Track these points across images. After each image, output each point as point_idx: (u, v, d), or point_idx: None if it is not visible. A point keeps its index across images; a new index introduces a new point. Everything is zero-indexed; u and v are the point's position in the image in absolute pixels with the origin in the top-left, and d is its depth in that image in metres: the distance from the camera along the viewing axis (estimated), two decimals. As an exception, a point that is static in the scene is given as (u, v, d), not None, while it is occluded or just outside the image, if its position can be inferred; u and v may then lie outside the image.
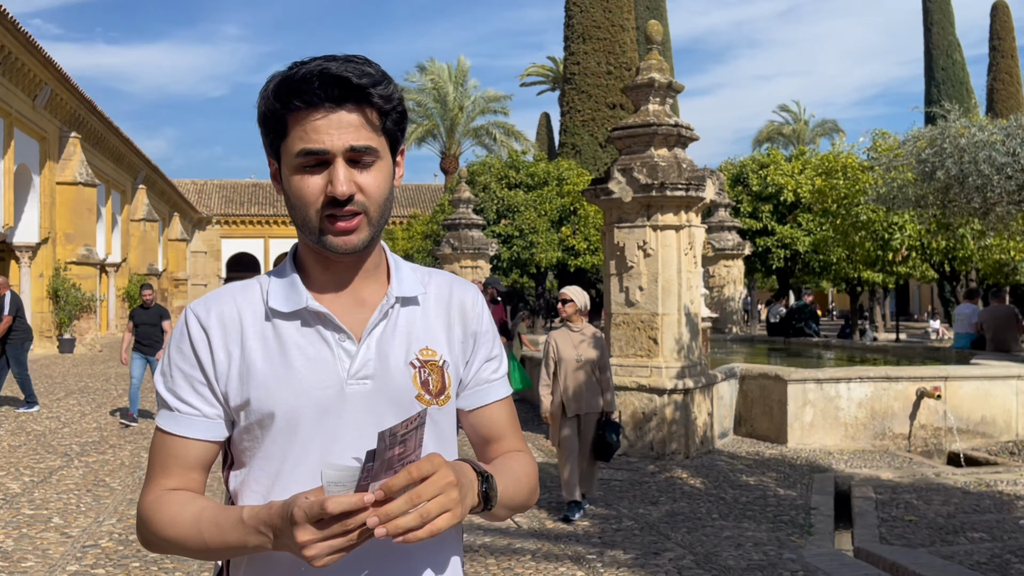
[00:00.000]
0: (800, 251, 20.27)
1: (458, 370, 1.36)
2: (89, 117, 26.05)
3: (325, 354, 1.27)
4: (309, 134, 1.21)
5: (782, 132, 56.00)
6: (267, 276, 1.35)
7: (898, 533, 5.74)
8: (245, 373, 1.26)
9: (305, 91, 1.20)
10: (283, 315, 1.29)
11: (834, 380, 8.79)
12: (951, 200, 11.47)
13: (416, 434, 1.08)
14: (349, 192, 1.21)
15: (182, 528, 1.21)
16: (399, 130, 1.30)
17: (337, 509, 1.02)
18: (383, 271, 1.36)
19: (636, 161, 8.16)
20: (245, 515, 1.14)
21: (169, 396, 1.29)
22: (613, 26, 25.36)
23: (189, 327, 1.30)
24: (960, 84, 40.86)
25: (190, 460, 1.28)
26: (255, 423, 1.27)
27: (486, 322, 1.42)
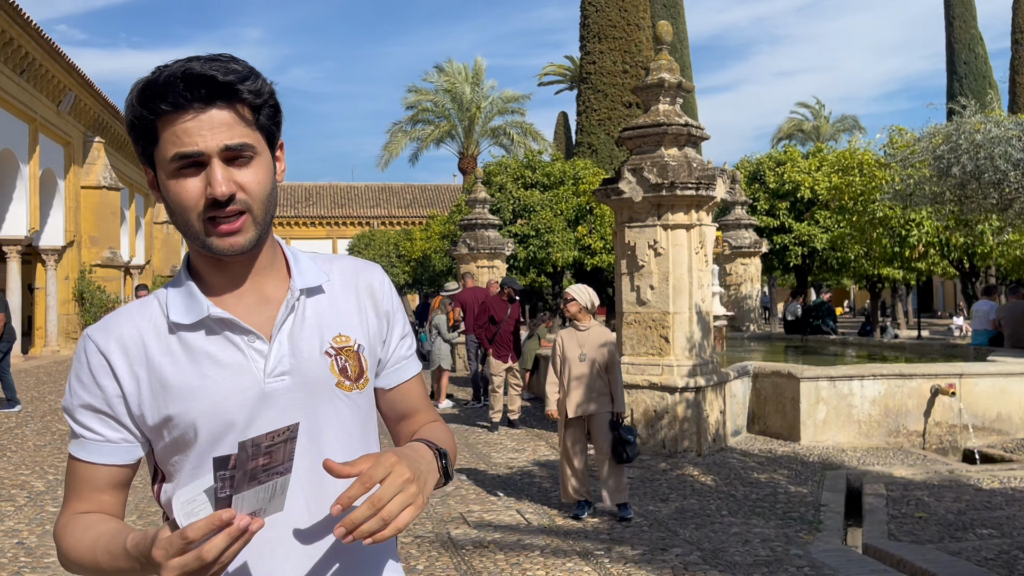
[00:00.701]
0: (818, 248, 20.18)
1: (375, 351, 1.37)
2: (112, 121, 26.44)
3: (237, 358, 1.25)
4: (181, 137, 1.18)
5: (802, 128, 55.67)
6: (164, 289, 1.33)
7: (907, 530, 5.76)
8: (159, 391, 1.24)
9: (170, 94, 1.17)
10: (186, 327, 1.27)
11: (847, 377, 8.79)
12: (968, 196, 11.42)
13: (285, 447, 1.07)
14: (229, 192, 1.19)
15: (82, 553, 1.22)
16: (274, 124, 1.28)
17: (197, 535, 1.00)
18: (281, 265, 1.35)
19: (647, 161, 8.22)
20: (129, 544, 1.14)
21: (73, 423, 1.29)
22: (629, 25, 25.38)
23: (88, 355, 1.27)
24: (983, 78, 40.42)
25: (98, 483, 1.28)
26: (178, 437, 1.25)
27: (396, 301, 1.43)
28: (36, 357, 21.20)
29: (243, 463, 1.02)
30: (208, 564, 1.01)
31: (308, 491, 1.26)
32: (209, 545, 1.00)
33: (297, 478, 1.20)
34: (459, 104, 38.77)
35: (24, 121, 19.86)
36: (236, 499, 1.03)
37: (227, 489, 1.02)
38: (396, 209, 50.56)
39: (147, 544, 1.08)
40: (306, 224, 50.27)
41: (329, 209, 50.96)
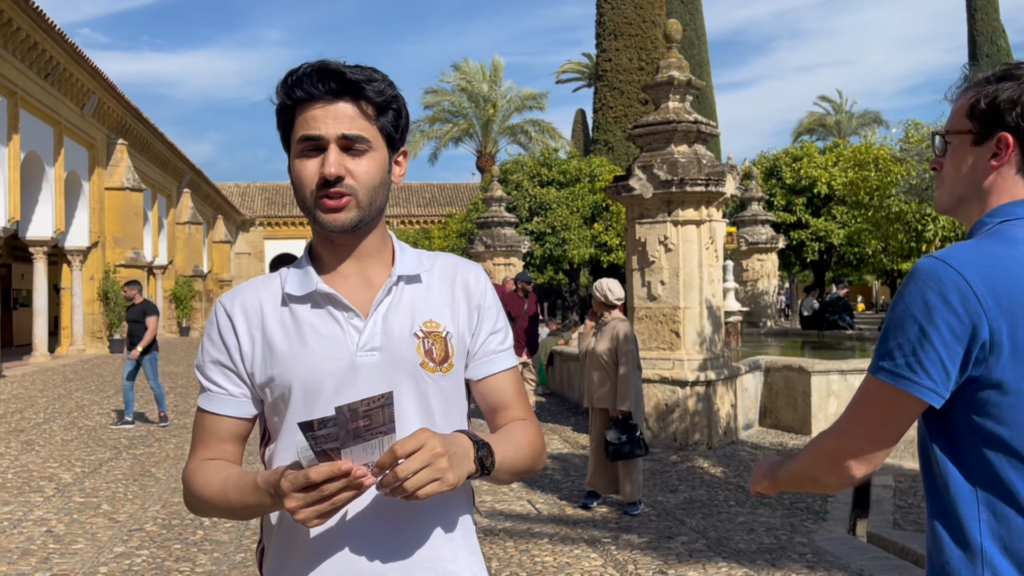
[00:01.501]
0: (835, 244, 20.14)
1: (464, 341, 1.48)
2: (135, 124, 26.85)
3: (336, 331, 1.40)
4: (308, 122, 1.36)
5: (824, 123, 55.28)
6: (287, 268, 1.49)
7: (912, 519, 5.85)
8: (268, 354, 1.41)
9: (305, 83, 1.36)
10: (297, 299, 1.43)
11: (858, 371, 8.85)
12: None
13: (383, 411, 1.19)
14: (337, 173, 1.35)
15: (212, 491, 1.37)
16: (395, 128, 1.42)
17: (318, 477, 1.15)
18: (388, 255, 1.49)
19: (657, 158, 8.33)
20: (259, 479, 1.29)
21: (202, 378, 1.46)
22: (644, 22, 25.42)
23: (217, 317, 1.46)
24: (1005, 71, 39.98)
25: (222, 433, 1.45)
26: (279, 398, 1.41)
27: (490, 297, 1.53)
28: (62, 356, 21.61)
29: (343, 424, 1.16)
30: (326, 497, 1.17)
31: None
32: (332, 485, 1.16)
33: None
34: (476, 103, 38.96)
35: (49, 124, 20.25)
36: (345, 453, 1.18)
37: (325, 443, 1.17)
38: (415, 208, 50.82)
39: (276, 478, 1.23)
40: (326, 223, 50.62)
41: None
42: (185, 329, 32.39)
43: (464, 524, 1.47)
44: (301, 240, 50.85)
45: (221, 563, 4.95)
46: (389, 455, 1.20)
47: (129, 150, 26.08)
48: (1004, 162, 1.38)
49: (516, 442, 1.45)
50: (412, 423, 1.39)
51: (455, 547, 1.44)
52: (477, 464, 1.32)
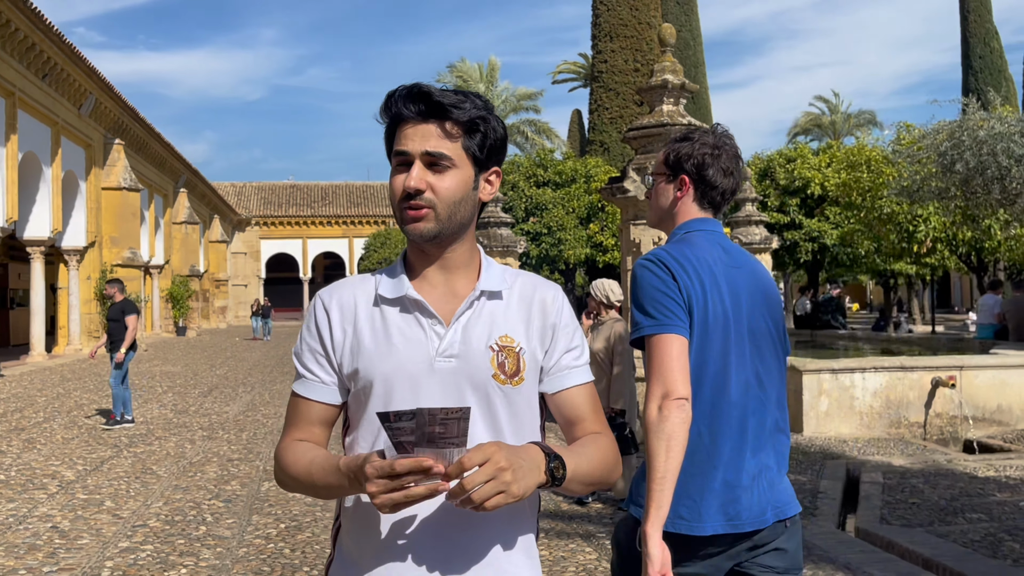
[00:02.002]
0: (828, 244, 20.31)
1: (535, 357, 1.55)
2: (132, 124, 26.92)
3: (419, 335, 1.50)
4: (401, 139, 1.49)
5: (819, 123, 55.50)
6: (381, 271, 1.62)
7: (899, 514, 5.98)
8: (356, 348, 1.51)
9: (396, 104, 1.49)
10: (388, 301, 1.53)
11: (849, 370, 9.00)
12: (972, 192, 11.59)
13: (458, 424, 1.25)
14: (417, 187, 1.46)
15: (299, 469, 1.48)
16: (479, 148, 1.51)
17: (402, 469, 1.24)
18: (475, 269, 1.58)
19: (651, 160, 8.45)
20: (342, 463, 1.39)
21: (299, 365, 1.57)
22: (640, 24, 25.58)
23: (315, 309, 1.58)
24: (998, 72, 40.22)
25: (312, 417, 1.56)
26: (361, 390, 1.51)
27: (566, 316, 1.61)
28: (59, 356, 21.67)
29: (421, 425, 1.24)
30: (404, 490, 1.25)
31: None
32: (411, 479, 1.24)
33: None
34: (472, 103, 39.01)
35: (47, 124, 20.32)
36: (417, 453, 1.25)
37: (402, 435, 1.25)
38: (411, 208, 50.90)
39: (358, 463, 1.32)
40: (322, 223, 50.76)
41: (345, 208, 51.41)
42: (182, 329, 32.46)
43: (526, 536, 1.55)
44: (296, 240, 50.94)
45: (224, 557, 5.07)
46: (457, 466, 1.27)
47: (126, 150, 26.15)
48: (685, 194, 2.14)
49: (589, 455, 1.51)
50: (479, 432, 1.47)
51: (516, 560, 1.51)
52: (548, 475, 1.38)
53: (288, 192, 53.43)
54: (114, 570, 4.85)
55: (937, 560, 4.81)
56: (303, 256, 50.84)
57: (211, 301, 41.71)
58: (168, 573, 4.79)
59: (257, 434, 9.59)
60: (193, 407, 11.91)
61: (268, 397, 13.16)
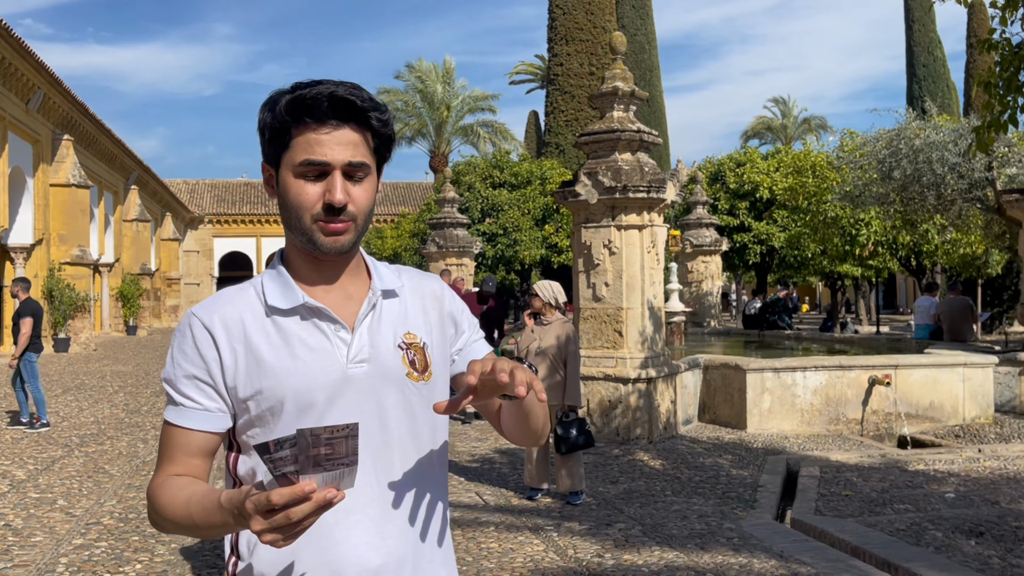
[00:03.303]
0: (776, 247, 20.84)
1: (438, 348, 1.55)
2: (81, 119, 26.46)
3: (325, 344, 1.43)
4: (313, 147, 1.38)
5: (770, 127, 56.63)
6: (259, 278, 1.52)
7: (832, 506, 6.28)
8: (254, 367, 1.41)
9: (316, 109, 1.37)
10: (282, 311, 1.44)
11: (790, 369, 9.34)
12: (910, 198, 12.07)
13: (347, 442, 1.17)
14: (344, 201, 1.39)
15: (177, 510, 1.36)
16: (387, 152, 1.49)
17: (280, 501, 1.13)
18: (363, 269, 1.54)
19: (601, 165, 8.69)
20: (223, 499, 1.26)
21: (174, 392, 1.43)
22: (595, 28, 25.93)
23: (193, 329, 1.44)
24: (941, 80, 41.51)
25: (192, 448, 1.42)
26: (266, 411, 1.41)
27: (457, 301, 1.62)
28: (5, 355, 21.24)
29: (304, 448, 1.14)
30: (293, 524, 1.15)
31: (379, 467, 1.44)
32: (297, 509, 1.14)
33: (368, 453, 1.39)
34: (430, 103, 39.12)
35: (-7, 119, 19.92)
36: (303, 479, 1.15)
37: (283, 468, 1.14)
38: (367, 207, 50.70)
39: (240, 498, 1.20)
40: (277, 222, 50.25)
41: (300, 207, 50.95)
42: (132, 328, 31.95)
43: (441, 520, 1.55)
44: (250, 238, 50.40)
45: (179, 553, 5.15)
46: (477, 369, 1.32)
47: (75, 146, 25.69)
48: None
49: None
50: (400, 433, 1.46)
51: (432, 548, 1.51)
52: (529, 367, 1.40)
53: (242, 190, 52.83)
54: (69, 566, 4.91)
55: (864, 548, 5.10)
56: (257, 254, 50.33)
57: (162, 300, 41.11)
58: (123, 569, 4.87)
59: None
60: (145, 407, 11.85)
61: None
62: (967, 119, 12.68)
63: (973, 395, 9.82)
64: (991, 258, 18.09)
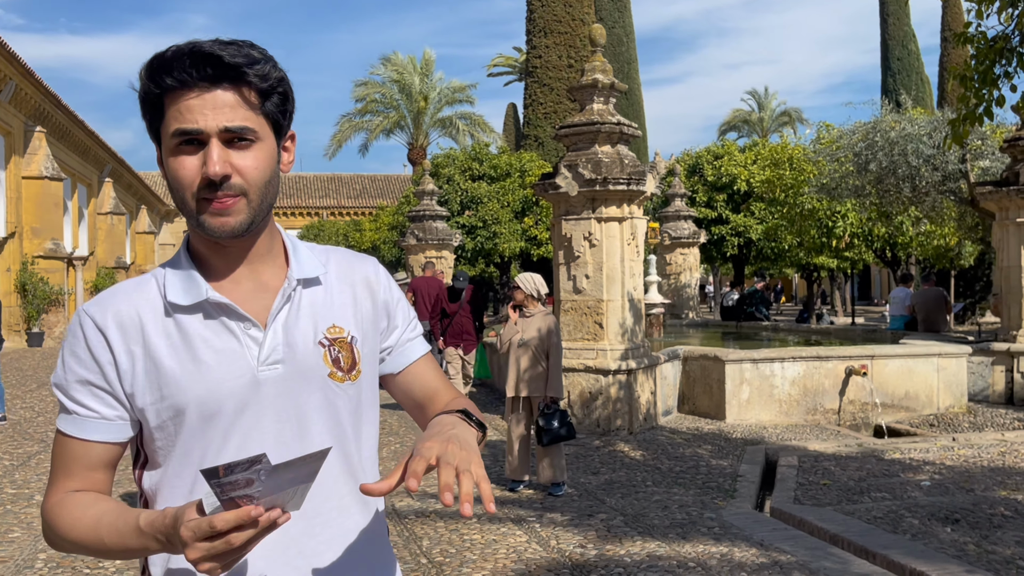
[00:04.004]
0: (753, 239, 21.00)
1: (369, 343, 1.37)
2: (54, 111, 26.08)
3: (232, 344, 1.26)
4: (183, 114, 1.19)
5: (747, 120, 56.94)
6: (161, 269, 1.32)
7: (811, 495, 6.35)
8: (152, 371, 1.24)
9: (176, 69, 1.18)
10: (184, 308, 1.26)
11: (768, 360, 9.42)
12: (886, 190, 12.20)
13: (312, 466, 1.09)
14: (223, 173, 1.19)
15: (83, 531, 1.20)
16: (281, 112, 1.28)
17: (224, 526, 1.02)
18: (279, 253, 1.35)
19: (581, 157, 8.71)
20: (142, 522, 1.13)
21: (66, 400, 1.27)
22: (574, 20, 25.93)
23: (84, 329, 1.26)
24: (916, 74, 41.91)
25: (91, 461, 1.26)
26: (168, 420, 1.25)
27: (394, 289, 1.43)
28: (-22, 350, 20.93)
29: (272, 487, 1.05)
30: (236, 549, 1.04)
31: None
32: (239, 534, 1.03)
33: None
34: (408, 95, 38.95)
35: (-37, 111, 19.59)
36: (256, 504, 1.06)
37: (233, 492, 1.03)
38: (345, 199, 50.45)
39: (166, 523, 1.09)
40: (254, 215, 49.88)
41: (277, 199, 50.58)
42: (107, 322, 31.61)
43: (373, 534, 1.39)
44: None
45: (160, 548, 5.12)
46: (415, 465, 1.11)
47: (48, 138, 25.33)
48: None
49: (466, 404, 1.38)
50: (321, 439, 1.30)
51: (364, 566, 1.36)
52: (476, 427, 1.28)
53: (218, 182, 52.31)
54: (48, 561, 4.87)
55: (843, 535, 5.17)
56: (234, 248, 49.90)
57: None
58: (103, 564, 4.83)
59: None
60: None
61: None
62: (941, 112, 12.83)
63: (947, 385, 9.97)
64: (964, 250, 18.34)
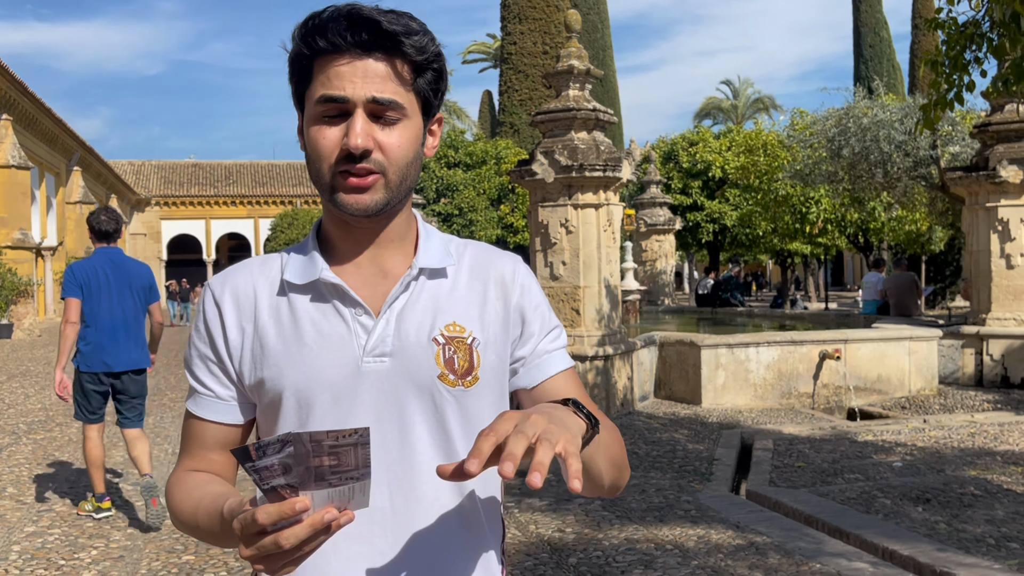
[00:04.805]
0: (728, 225, 21.13)
1: (495, 349, 1.23)
2: (20, 99, 25.61)
3: (341, 330, 1.17)
4: (332, 79, 1.12)
5: (721, 107, 57.22)
6: (289, 250, 1.27)
7: (786, 477, 6.43)
8: (259, 351, 1.19)
9: (331, 31, 1.11)
10: (297, 288, 1.20)
11: (744, 345, 9.51)
12: (858, 176, 12.33)
13: (356, 451, 0.93)
14: (365, 146, 1.11)
15: (186, 512, 1.18)
16: (433, 91, 1.19)
17: (267, 521, 0.91)
18: (411, 242, 1.25)
19: (558, 144, 8.70)
20: (225, 509, 1.05)
21: (190, 376, 1.25)
22: (548, 6, 25.86)
23: (205, 304, 1.24)
24: (887, 60, 42.32)
25: (207, 441, 1.23)
26: (268, 404, 1.20)
27: (535, 293, 1.28)
28: (-55, 342, 20.59)
29: (301, 458, 0.91)
30: (287, 552, 0.92)
31: (395, 489, 1.16)
32: (288, 533, 0.91)
33: (383, 471, 1.15)
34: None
35: (-74, 98, 19.18)
36: (302, 495, 0.93)
37: (271, 480, 0.92)
38: (320, 188, 50.07)
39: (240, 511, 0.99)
40: (227, 203, 49.41)
41: (250, 188, 50.16)
42: (78, 313, 31.19)
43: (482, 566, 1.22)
44: (199, 220, 49.44)
45: (135, 538, 5.08)
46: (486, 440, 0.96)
47: (14, 126, 24.89)
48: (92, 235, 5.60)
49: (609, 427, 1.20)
50: (424, 450, 1.17)
51: None
52: (585, 418, 1.08)
53: (190, 171, 51.73)
54: (22, 553, 4.81)
55: (817, 516, 5.24)
56: (206, 237, 49.41)
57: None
58: (78, 555, 4.78)
59: (164, 418, 9.46)
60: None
61: (174, 381, 12.92)
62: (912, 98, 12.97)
63: (918, 368, 10.12)
64: (935, 235, 18.60)
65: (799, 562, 4.42)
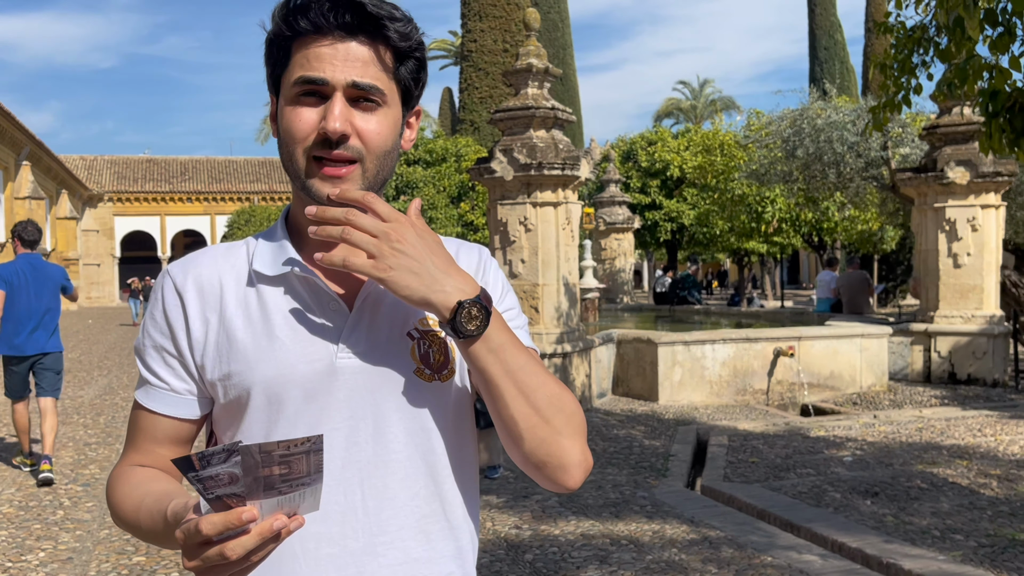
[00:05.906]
0: (686, 224, 21.36)
1: None
2: (-34, 90, 24.93)
3: (313, 324, 1.13)
4: (312, 61, 1.08)
5: (680, 108, 57.77)
6: (256, 237, 1.21)
7: (740, 472, 6.53)
8: (224, 344, 1.13)
9: (314, 12, 1.07)
10: (268, 279, 1.15)
11: (700, 342, 9.62)
12: (812, 176, 12.54)
13: (308, 459, 0.90)
14: (343, 130, 1.07)
15: (127, 510, 1.12)
16: (414, 81, 1.16)
17: (212, 531, 0.87)
18: None
19: (517, 142, 8.72)
20: (169, 512, 1.01)
21: (142, 366, 1.19)
22: (509, 4, 25.88)
23: (164, 292, 1.17)
24: (841, 63, 43.10)
25: (157, 435, 1.18)
26: (234, 401, 1.13)
27: (497, 276, 1.28)
28: None
29: (249, 469, 0.87)
30: (233, 563, 0.89)
31: (367, 488, 1.12)
32: (235, 544, 0.88)
33: (356, 470, 1.11)
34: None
35: None
36: (251, 504, 0.89)
37: (216, 489, 0.88)
38: (277, 184, 49.50)
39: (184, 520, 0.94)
40: (183, 200, 48.60)
41: (207, 184, 49.40)
42: (27, 311, 30.44)
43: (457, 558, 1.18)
44: (154, 217, 48.58)
45: (85, 540, 4.98)
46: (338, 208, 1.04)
47: (-40, 119, 24.21)
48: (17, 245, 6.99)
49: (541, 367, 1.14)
50: (401, 446, 1.13)
51: None
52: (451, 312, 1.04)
53: (144, 166, 50.77)
54: (-35, 558, 4.69)
55: (769, 511, 5.33)
56: (161, 234, 48.55)
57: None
58: (26, 557, 4.68)
59: (116, 418, 9.28)
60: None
61: (127, 380, 12.70)
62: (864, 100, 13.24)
63: (869, 364, 10.33)
64: (886, 234, 19.01)
65: (751, 555, 4.50)
